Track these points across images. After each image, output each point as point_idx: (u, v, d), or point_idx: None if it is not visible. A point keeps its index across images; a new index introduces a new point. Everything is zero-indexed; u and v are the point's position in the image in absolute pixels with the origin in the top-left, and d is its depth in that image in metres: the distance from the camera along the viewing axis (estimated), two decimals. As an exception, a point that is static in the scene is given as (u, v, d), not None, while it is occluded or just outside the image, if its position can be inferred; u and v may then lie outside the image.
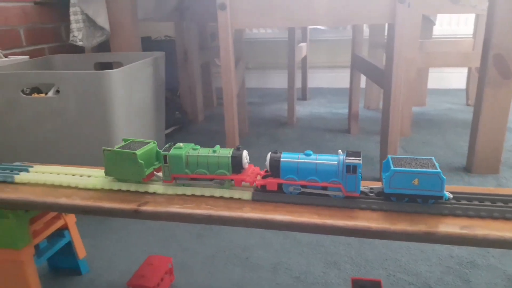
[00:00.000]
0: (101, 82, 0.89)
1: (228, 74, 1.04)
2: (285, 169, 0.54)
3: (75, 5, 1.10)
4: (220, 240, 0.89)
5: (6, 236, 0.65)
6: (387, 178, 0.51)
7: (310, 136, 1.56)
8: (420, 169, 0.50)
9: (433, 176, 0.49)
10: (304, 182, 0.54)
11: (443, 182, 0.50)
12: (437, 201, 0.51)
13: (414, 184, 0.50)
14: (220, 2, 0.99)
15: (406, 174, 0.50)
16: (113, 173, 0.62)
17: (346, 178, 0.52)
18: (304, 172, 0.54)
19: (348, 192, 0.53)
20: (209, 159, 0.57)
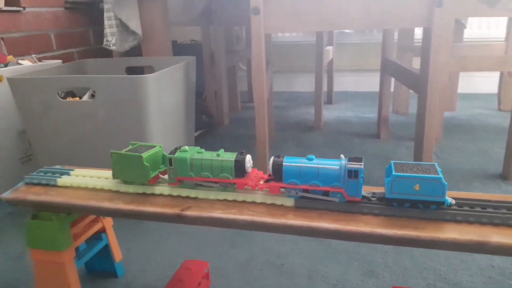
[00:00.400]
0: (137, 86, 0.89)
1: (260, 78, 1.04)
2: (287, 173, 0.55)
3: (109, 10, 1.12)
4: (254, 246, 0.88)
5: (49, 238, 0.65)
6: (388, 183, 0.51)
7: (338, 140, 1.54)
8: (421, 175, 0.50)
9: (434, 182, 0.49)
10: (306, 186, 0.54)
11: (444, 188, 0.50)
12: (439, 206, 0.51)
13: (415, 190, 0.50)
14: (254, 7, 0.99)
15: (408, 179, 0.50)
16: (120, 175, 0.64)
17: (348, 182, 0.53)
18: (306, 176, 0.54)
19: (349, 196, 0.53)
20: (212, 163, 0.58)
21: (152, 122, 0.95)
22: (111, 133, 0.96)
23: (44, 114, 0.98)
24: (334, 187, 0.53)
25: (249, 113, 2.06)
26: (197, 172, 0.59)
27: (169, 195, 0.61)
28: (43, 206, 0.64)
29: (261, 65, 1.03)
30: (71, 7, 1.93)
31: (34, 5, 1.72)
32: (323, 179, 0.54)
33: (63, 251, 0.66)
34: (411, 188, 0.50)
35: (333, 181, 0.53)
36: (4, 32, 1.59)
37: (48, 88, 0.95)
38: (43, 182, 0.68)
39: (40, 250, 0.67)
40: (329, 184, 0.54)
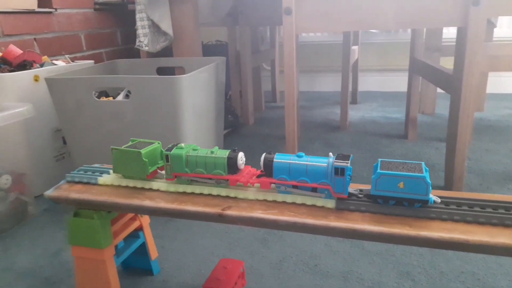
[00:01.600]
0: (172, 86, 0.91)
1: (291, 79, 1.04)
2: (277, 169, 0.57)
3: (142, 11, 1.14)
4: (286, 246, 0.89)
5: (90, 236, 0.67)
6: (373, 181, 0.53)
7: (365, 141, 1.53)
8: (405, 173, 0.51)
9: (418, 180, 0.50)
10: (295, 183, 0.56)
11: (428, 186, 0.50)
12: (424, 205, 0.52)
13: (399, 187, 0.52)
14: (286, 7, 0.99)
15: (392, 177, 0.51)
16: (120, 171, 0.67)
17: (335, 180, 0.54)
18: (295, 172, 0.56)
19: (336, 193, 0.55)
20: (206, 160, 0.61)
21: (185, 122, 0.96)
22: (145, 133, 0.97)
23: (80, 113, 1.01)
24: (321, 184, 0.55)
25: (273, 113, 2.06)
26: (192, 168, 0.62)
27: (166, 191, 0.64)
28: (85, 204, 0.65)
29: (292, 66, 1.03)
30: (100, 8, 1.97)
31: (65, 6, 1.76)
32: (311, 176, 0.56)
33: (104, 249, 0.67)
34: (395, 186, 0.52)
35: (320, 178, 0.55)
36: (37, 33, 1.63)
37: (85, 87, 0.97)
38: (84, 180, 0.69)
39: (81, 247, 0.69)
40: (317, 181, 0.55)
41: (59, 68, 1.23)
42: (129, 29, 2.22)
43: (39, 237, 0.98)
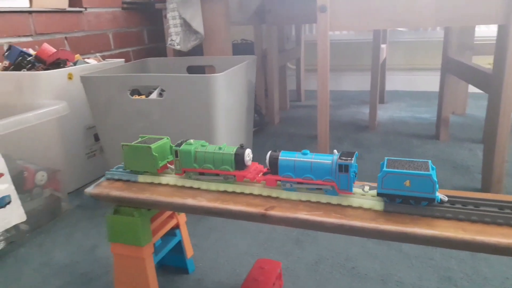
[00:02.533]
0: (207, 85, 0.90)
1: (325, 77, 1.02)
2: (283, 167, 0.58)
3: (174, 9, 1.14)
4: (321, 247, 0.87)
5: (130, 233, 0.67)
6: (379, 179, 0.53)
7: (396, 141, 1.50)
8: (411, 171, 0.51)
9: (424, 178, 0.50)
10: (300, 180, 0.57)
11: (434, 185, 0.50)
12: (430, 203, 0.52)
13: (405, 186, 0.52)
14: (321, 4, 0.97)
15: (398, 175, 0.51)
16: (131, 166, 0.68)
17: (339, 176, 0.55)
18: (300, 170, 0.57)
19: (341, 190, 0.55)
20: (214, 156, 0.62)
21: (218, 121, 0.96)
22: (178, 131, 0.98)
23: (113, 111, 1.01)
24: (326, 181, 0.56)
25: (298, 112, 2.05)
26: (201, 163, 0.63)
27: (174, 185, 0.65)
28: (126, 201, 0.65)
29: (326, 64, 1.02)
30: (128, 7, 1.99)
31: (95, 6, 1.78)
32: (316, 173, 0.56)
33: (144, 247, 0.67)
34: (401, 184, 0.52)
35: (325, 175, 0.55)
36: (68, 32, 1.65)
37: (120, 86, 0.98)
38: (124, 178, 0.69)
39: (121, 244, 0.69)
40: (322, 177, 0.56)
41: (92, 66, 1.25)
42: (156, 28, 2.24)
43: (73, 233, 1.00)
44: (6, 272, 0.86)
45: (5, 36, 1.40)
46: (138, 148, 0.66)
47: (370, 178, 1.18)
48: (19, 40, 1.45)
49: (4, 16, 1.38)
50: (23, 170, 1.00)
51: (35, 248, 0.94)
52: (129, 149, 0.67)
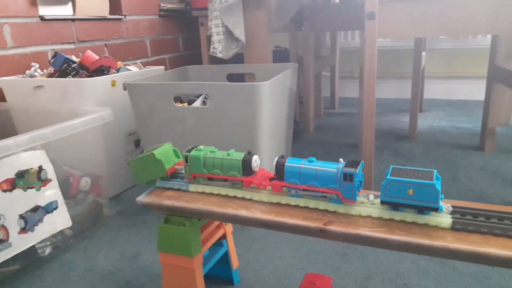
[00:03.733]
0: (253, 93, 0.89)
1: (371, 85, 1.00)
2: (289, 173, 0.58)
3: (217, 17, 1.14)
4: (369, 262, 0.84)
5: (181, 243, 0.66)
6: (383, 187, 0.53)
7: (438, 152, 1.45)
8: (415, 180, 0.51)
9: (427, 187, 0.50)
10: (305, 187, 0.58)
11: (438, 194, 0.50)
12: (434, 212, 0.52)
13: (409, 194, 0.52)
14: (369, 11, 0.95)
15: (401, 184, 0.52)
16: (143, 178, 0.70)
17: (344, 185, 0.55)
18: (306, 177, 0.57)
19: (345, 198, 0.56)
20: (223, 161, 0.63)
21: (262, 129, 0.95)
22: (221, 139, 0.97)
23: (157, 118, 1.02)
24: (331, 189, 0.56)
25: (332, 119, 2.02)
26: (210, 169, 0.65)
27: (226, 195, 0.65)
28: (178, 211, 0.65)
29: (373, 72, 0.99)
30: (165, 14, 2.01)
31: (133, 13, 1.81)
32: (321, 180, 0.57)
33: (194, 257, 0.67)
34: (405, 193, 0.52)
35: (330, 183, 0.56)
36: (107, 39, 1.68)
37: (164, 93, 0.98)
38: (175, 187, 0.69)
39: (170, 254, 0.68)
40: (327, 185, 0.56)
41: (134, 73, 1.26)
42: (191, 35, 2.25)
43: (115, 239, 1.00)
44: (53, 277, 0.86)
45: (50, 43, 1.43)
46: (143, 158, 0.68)
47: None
48: (62, 47, 1.48)
49: (49, 24, 1.42)
50: (68, 176, 1.01)
51: (80, 253, 0.95)
52: (135, 163, 0.69)
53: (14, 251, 0.83)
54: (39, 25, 1.39)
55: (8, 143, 0.81)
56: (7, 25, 1.29)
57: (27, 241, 0.86)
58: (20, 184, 0.84)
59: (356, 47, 2.39)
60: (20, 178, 0.84)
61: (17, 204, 0.84)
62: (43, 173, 0.89)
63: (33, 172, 0.87)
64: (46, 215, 0.90)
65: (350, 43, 2.40)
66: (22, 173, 0.85)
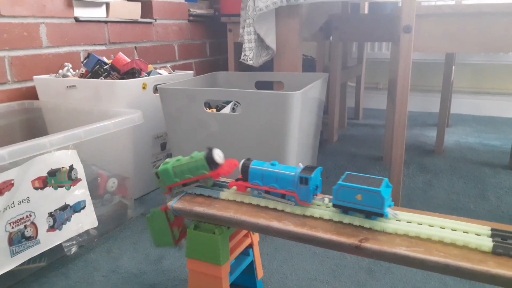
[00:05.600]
0: (284, 102, 0.89)
1: (404, 98, 0.98)
2: (252, 175, 0.63)
3: (250, 25, 1.14)
4: (395, 279, 0.83)
5: (210, 251, 0.66)
6: (334, 191, 0.57)
7: (465, 169, 1.42)
8: (363, 186, 0.55)
9: (374, 194, 0.54)
10: (267, 188, 0.63)
11: (383, 200, 0.54)
12: (380, 218, 0.56)
13: (357, 199, 0.56)
14: (406, 25, 0.94)
15: (350, 189, 0.56)
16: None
17: (300, 188, 0.60)
18: (267, 179, 0.62)
19: (301, 201, 0.60)
20: (189, 165, 0.66)
21: (292, 139, 0.94)
22: (250, 147, 0.97)
23: (187, 122, 1.02)
24: (288, 191, 0.61)
25: (356, 130, 2.00)
26: (181, 176, 0.67)
27: (257, 204, 0.62)
28: (209, 218, 0.64)
29: (407, 85, 0.98)
30: (194, 19, 2.03)
31: (164, 17, 1.84)
32: (281, 183, 0.61)
33: (222, 266, 0.66)
34: (353, 198, 0.56)
35: (288, 185, 0.61)
36: (137, 42, 1.71)
37: (195, 98, 0.98)
38: (206, 194, 0.69)
39: (198, 261, 0.68)
40: (285, 188, 0.61)
41: (164, 77, 1.27)
42: (218, 41, 2.27)
43: (139, 241, 1.00)
44: (77, 276, 0.87)
45: (82, 44, 1.46)
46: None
47: (442, 207, 1.12)
48: (94, 48, 1.51)
49: (83, 25, 1.45)
50: (97, 176, 1.02)
51: (104, 254, 0.96)
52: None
53: (42, 249, 0.85)
54: (73, 26, 1.42)
55: (42, 141, 0.83)
56: (43, 25, 1.32)
57: (54, 239, 0.87)
58: (51, 182, 0.86)
59: (383, 58, 2.37)
60: (51, 176, 0.86)
61: (48, 202, 0.85)
62: (74, 173, 0.91)
63: (64, 171, 0.88)
64: (74, 214, 0.91)
65: (377, 54, 2.38)
66: (54, 172, 0.86)
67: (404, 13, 0.94)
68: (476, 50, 0.93)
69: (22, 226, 0.80)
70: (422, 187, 1.28)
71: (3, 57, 1.22)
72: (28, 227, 0.81)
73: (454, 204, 1.15)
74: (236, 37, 1.89)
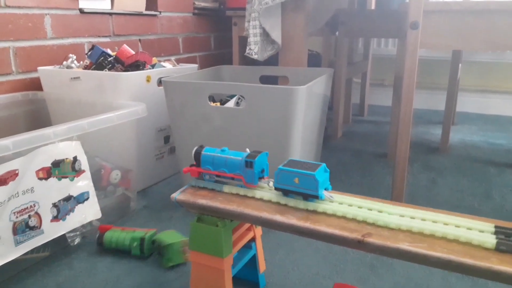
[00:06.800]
0: (289, 97, 0.89)
1: (410, 95, 0.98)
2: (204, 161, 0.68)
3: (256, 19, 1.14)
4: (397, 275, 0.83)
5: (213, 243, 0.66)
6: (275, 175, 0.62)
7: (470, 167, 1.41)
8: (299, 170, 0.59)
9: (309, 177, 0.59)
10: (217, 172, 0.67)
11: (318, 183, 0.58)
12: (315, 199, 0.61)
13: (295, 182, 0.60)
14: (413, 21, 0.93)
15: (288, 173, 0.60)
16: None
17: (246, 171, 0.64)
18: (217, 164, 0.67)
19: (247, 183, 0.65)
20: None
21: (296, 133, 0.94)
22: (254, 141, 0.96)
23: (191, 115, 1.02)
24: (236, 174, 0.65)
25: (360, 127, 1.99)
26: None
27: (260, 198, 0.62)
28: (212, 211, 0.64)
29: (413, 82, 0.97)
30: (198, 13, 2.03)
31: (168, 10, 1.83)
32: (229, 167, 0.66)
33: (225, 258, 0.66)
34: (292, 181, 0.60)
35: (236, 169, 0.65)
36: (142, 34, 1.70)
37: (200, 92, 0.98)
38: (209, 187, 0.69)
39: (201, 253, 0.68)
40: (233, 171, 0.65)
41: (168, 70, 1.27)
42: (222, 35, 2.26)
43: (142, 234, 1.01)
44: (81, 266, 0.88)
45: (87, 36, 1.46)
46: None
47: (446, 205, 1.12)
48: (98, 40, 1.51)
49: (87, 17, 1.45)
50: (100, 168, 1.02)
51: (107, 245, 0.96)
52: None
53: (46, 238, 0.85)
54: (78, 17, 1.42)
55: (47, 132, 0.83)
56: (48, 16, 1.32)
57: (58, 229, 0.87)
58: (55, 173, 0.86)
59: (389, 54, 2.36)
60: (55, 167, 0.86)
61: (51, 193, 0.86)
62: (77, 164, 0.91)
63: (68, 162, 0.89)
64: (77, 205, 0.92)
65: (383, 51, 2.37)
66: (58, 163, 0.86)
67: (411, 9, 0.93)
68: (484, 48, 0.92)
69: (26, 216, 0.80)
70: (426, 184, 1.28)
71: (8, 48, 1.22)
72: (32, 217, 0.81)
73: (458, 202, 1.15)
74: (241, 31, 1.88)
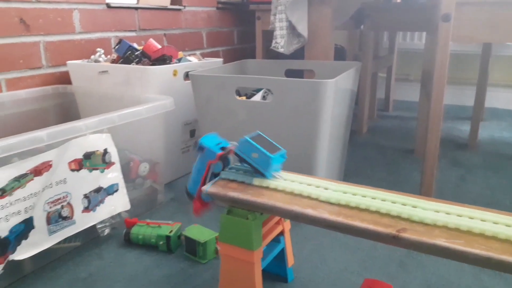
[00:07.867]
0: (317, 90, 0.88)
1: (441, 90, 0.96)
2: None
3: (282, 12, 1.13)
4: (428, 272, 0.81)
5: (242, 236, 0.66)
6: (240, 142, 0.66)
7: (500, 164, 1.38)
8: (259, 146, 0.64)
9: (265, 157, 0.64)
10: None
11: (270, 165, 0.64)
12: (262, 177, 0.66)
13: (253, 156, 0.65)
14: (445, 13, 0.91)
15: (251, 146, 0.65)
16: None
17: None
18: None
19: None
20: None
21: (323, 128, 0.93)
22: (281, 135, 0.96)
23: (217, 109, 1.02)
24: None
25: (386, 122, 1.96)
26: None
27: (291, 192, 0.59)
28: (243, 203, 0.64)
29: (444, 76, 0.95)
30: (222, 7, 2.03)
31: (192, 5, 1.84)
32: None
33: (255, 251, 0.66)
34: (250, 154, 0.65)
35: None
36: (167, 29, 1.72)
37: (227, 85, 0.98)
38: (239, 179, 0.69)
39: (231, 246, 0.68)
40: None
41: (194, 64, 1.28)
42: (245, 29, 2.26)
43: (169, 226, 1.02)
44: (110, 256, 0.89)
45: (113, 30, 1.48)
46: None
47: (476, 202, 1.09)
48: (124, 35, 1.52)
49: (114, 12, 1.47)
50: (129, 160, 1.04)
51: (135, 236, 0.97)
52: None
53: (77, 229, 0.87)
54: (105, 12, 1.44)
55: (78, 125, 0.84)
56: (76, 10, 1.34)
57: (89, 220, 0.89)
58: (86, 165, 0.88)
59: (414, 48, 2.31)
60: (87, 159, 0.87)
61: (83, 184, 0.87)
62: (108, 156, 0.92)
63: (98, 154, 0.90)
64: (107, 197, 0.93)
65: (409, 45, 2.32)
66: (89, 155, 0.88)
67: (444, 1, 0.91)
68: (518, 40, 0.90)
69: (59, 206, 0.82)
70: (455, 181, 1.25)
71: (38, 42, 1.25)
72: (65, 207, 0.83)
73: (488, 200, 1.12)
74: (264, 25, 1.87)
